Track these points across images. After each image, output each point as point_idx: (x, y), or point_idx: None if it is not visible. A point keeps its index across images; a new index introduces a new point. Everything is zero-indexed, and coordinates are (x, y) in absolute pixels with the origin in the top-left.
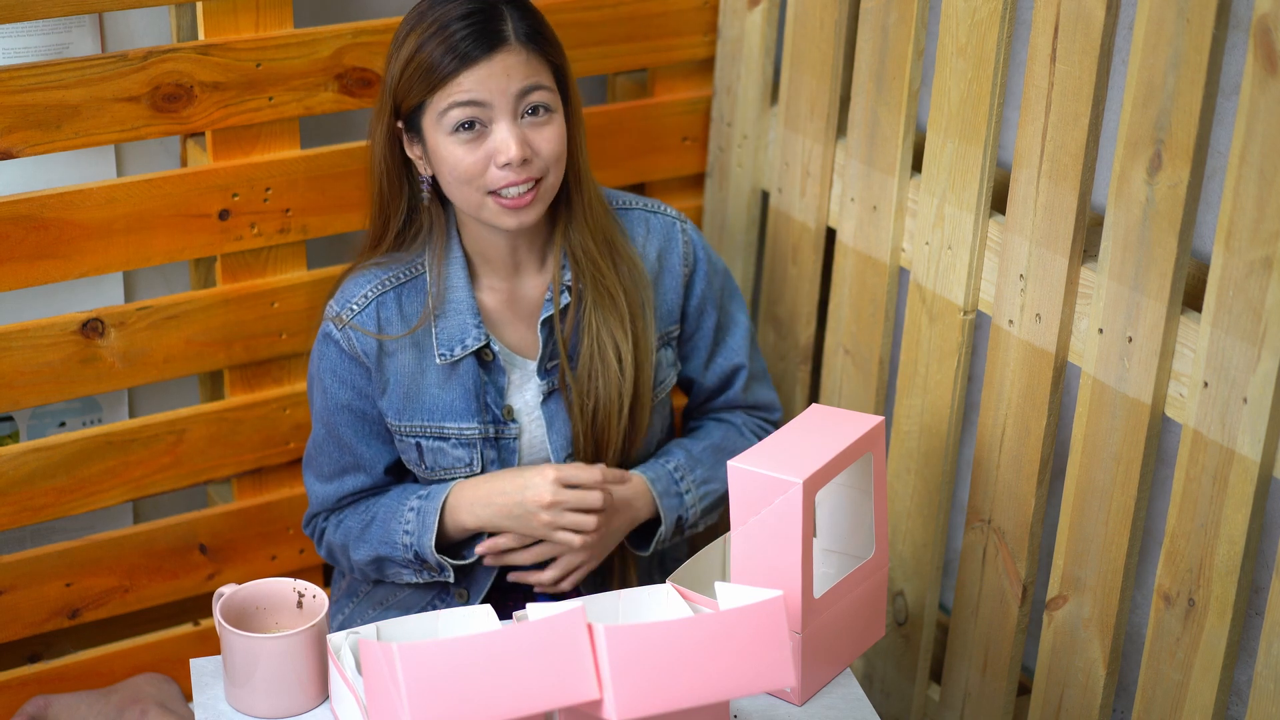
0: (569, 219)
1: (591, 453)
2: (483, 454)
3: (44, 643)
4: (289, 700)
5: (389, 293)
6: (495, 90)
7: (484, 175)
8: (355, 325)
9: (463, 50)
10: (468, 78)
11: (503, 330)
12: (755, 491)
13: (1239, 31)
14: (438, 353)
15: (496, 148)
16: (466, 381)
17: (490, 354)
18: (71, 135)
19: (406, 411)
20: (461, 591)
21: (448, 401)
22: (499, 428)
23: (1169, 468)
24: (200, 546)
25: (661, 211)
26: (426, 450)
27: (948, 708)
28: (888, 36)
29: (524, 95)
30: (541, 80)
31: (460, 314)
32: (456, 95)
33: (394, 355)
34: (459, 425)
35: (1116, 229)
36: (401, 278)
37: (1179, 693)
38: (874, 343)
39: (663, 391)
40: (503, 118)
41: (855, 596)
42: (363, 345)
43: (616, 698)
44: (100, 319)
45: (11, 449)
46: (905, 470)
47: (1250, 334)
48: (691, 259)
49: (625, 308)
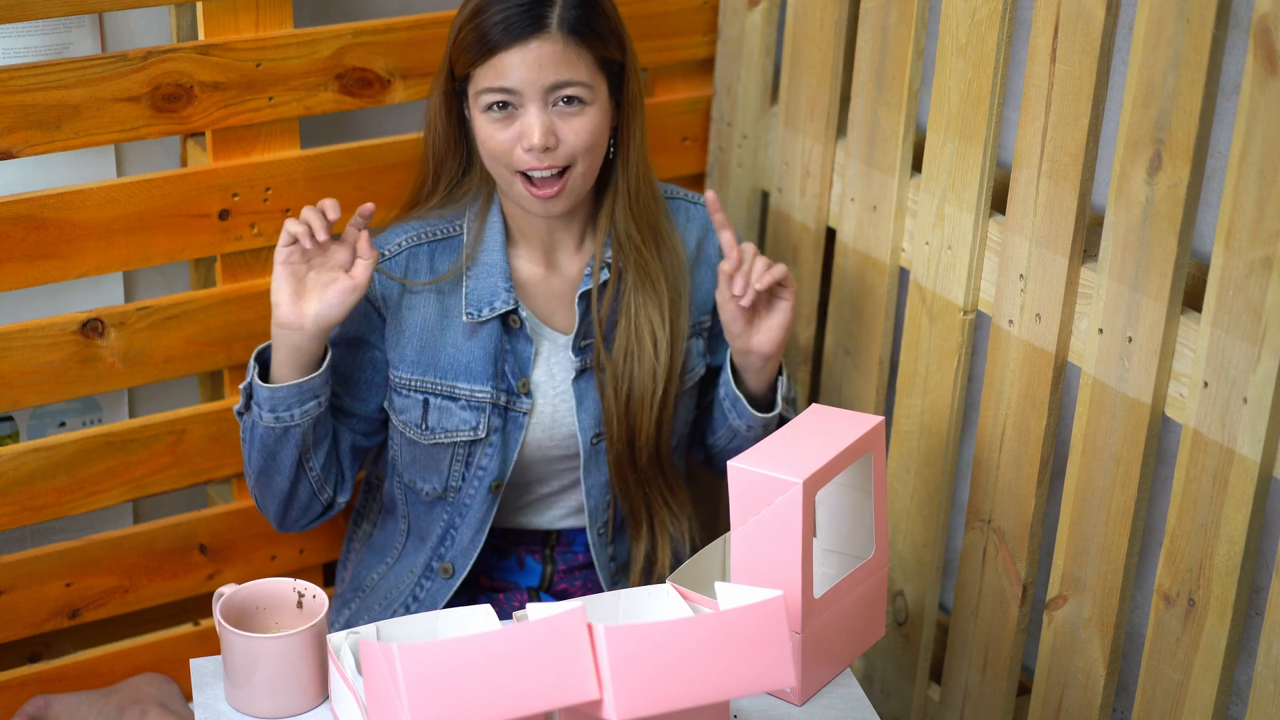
0: (615, 201)
1: (625, 435)
2: (490, 420)
3: (44, 643)
4: (289, 700)
5: (423, 245)
6: (525, 79)
7: (511, 155)
8: (382, 269)
9: (500, 32)
10: (501, 61)
11: (535, 301)
12: (755, 491)
13: (1239, 31)
14: (465, 310)
15: (523, 131)
16: (488, 344)
17: (518, 320)
18: (71, 135)
19: (420, 365)
20: (446, 566)
21: (464, 361)
22: (510, 398)
23: (1169, 468)
24: (200, 546)
25: (700, 202)
26: (433, 408)
27: (948, 708)
28: (888, 36)
29: (553, 89)
30: (575, 75)
31: (492, 276)
32: (490, 78)
33: (414, 307)
34: (471, 386)
35: (1116, 229)
36: (439, 234)
37: (1179, 693)
38: (874, 343)
39: (691, 380)
40: (532, 104)
41: (855, 596)
42: (384, 290)
43: (616, 698)
44: (100, 319)
45: (11, 449)
46: (905, 470)
47: (1250, 334)
48: None
49: (665, 294)
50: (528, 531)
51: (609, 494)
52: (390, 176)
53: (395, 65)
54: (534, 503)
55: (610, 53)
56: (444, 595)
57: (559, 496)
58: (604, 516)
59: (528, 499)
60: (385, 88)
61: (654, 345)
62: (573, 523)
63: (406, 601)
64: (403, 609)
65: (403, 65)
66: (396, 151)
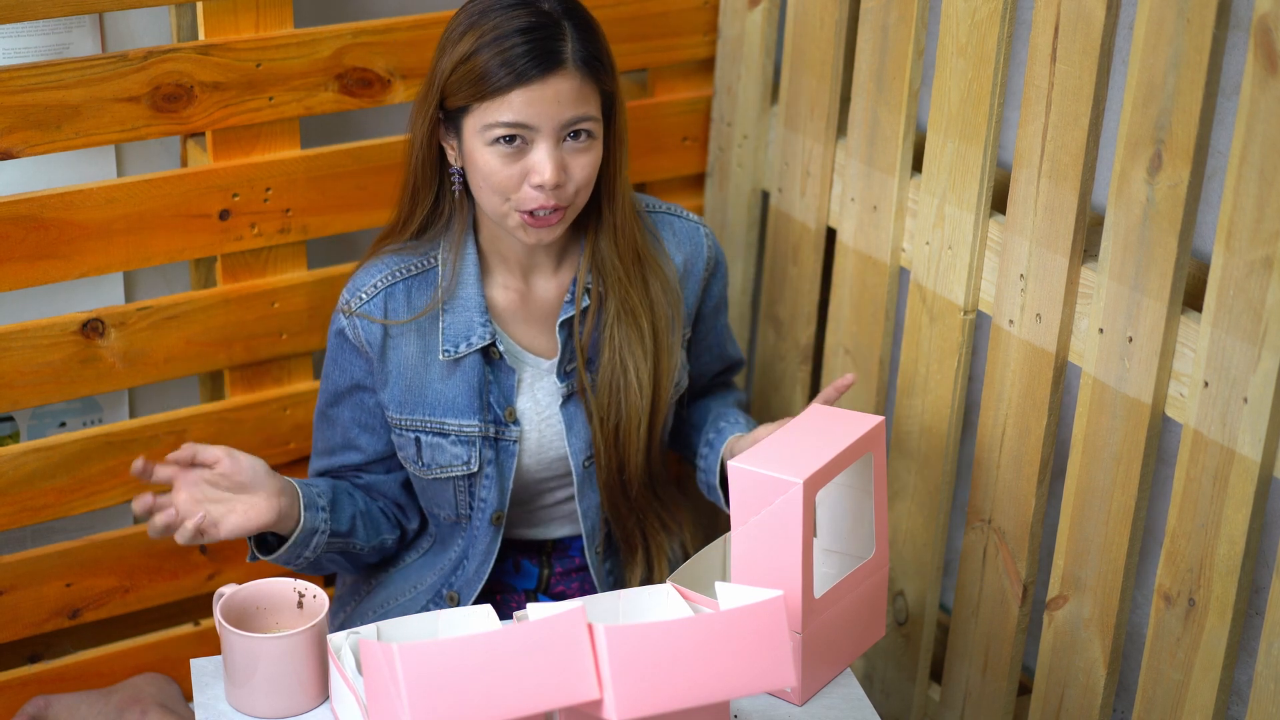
0: (598, 229)
1: (615, 464)
2: (481, 453)
3: (44, 643)
4: (289, 700)
5: (399, 284)
6: (543, 115)
7: (518, 190)
8: (361, 314)
9: (519, 68)
10: (518, 97)
11: (515, 329)
12: (755, 491)
13: (1239, 31)
14: (442, 348)
15: (533, 167)
16: (470, 378)
17: (497, 352)
18: (71, 135)
19: (408, 405)
20: (453, 595)
21: (450, 397)
22: (499, 428)
23: (1169, 468)
24: (200, 546)
25: (685, 217)
26: (425, 446)
27: (948, 708)
28: (888, 36)
29: (568, 125)
30: (590, 110)
31: (468, 311)
32: (504, 113)
33: (398, 347)
34: (459, 422)
35: (1117, 229)
36: (413, 269)
37: (1179, 693)
38: (874, 343)
39: (676, 394)
40: (545, 140)
41: (855, 596)
42: (367, 335)
43: (616, 698)
44: (100, 319)
45: (11, 449)
46: (905, 470)
47: (1250, 334)
48: (713, 264)
49: (647, 326)
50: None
51: (603, 514)
52: (390, 176)
53: (395, 65)
54: (531, 514)
55: (611, 85)
56: None
57: (555, 510)
58: (599, 536)
59: (524, 513)
60: (385, 88)
61: (637, 380)
62: (569, 530)
63: None
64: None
65: (403, 65)
66: (396, 151)
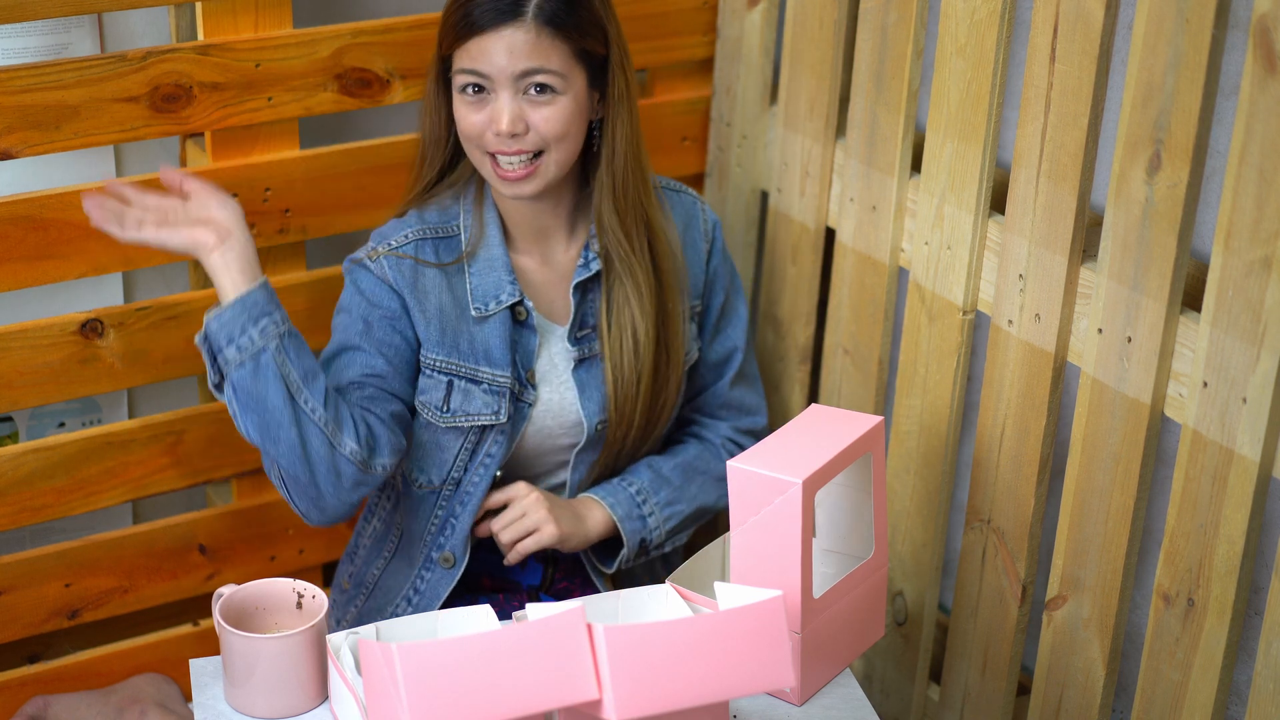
0: (600, 193)
1: (624, 423)
2: (507, 406)
3: (44, 643)
4: (289, 700)
5: (427, 241)
6: (495, 66)
7: (482, 137)
8: (396, 253)
9: (475, 17)
10: (477, 44)
11: (536, 294)
12: (755, 491)
13: (1239, 31)
14: (473, 306)
15: (492, 115)
16: (502, 333)
17: (524, 312)
18: (71, 135)
19: (444, 345)
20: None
21: (484, 346)
22: (520, 388)
23: (1169, 468)
24: (199, 547)
25: (682, 190)
26: (456, 390)
27: (947, 708)
28: (887, 36)
29: (523, 76)
30: (547, 64)
31: (495, 270)
32: (463, 61)
33: (430, 292)
34: (493, 370)
35: (1116, 229)
36: (439, 232)
37: (1179, 693)
38: (873, 343)
39: (685, 365)
40: (503, 90)
41: (855, 596)
42: (395, 275)
43: (616, 698)
44: (100, 319)
45: (11, 449)
46: (905, 470)
47: (1250, 334)
48: (710, 236)
49: (645, 288)
50: None
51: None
52: (390, 176)
53: (395, 65)
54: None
55: (591, 45)
56: (445, 586)
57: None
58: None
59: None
60: (385, 88)
61: (634, 339)
62: None
63: (408, 594)
64: (404, 601)
65: (402, 65)
66: (396, 151)
